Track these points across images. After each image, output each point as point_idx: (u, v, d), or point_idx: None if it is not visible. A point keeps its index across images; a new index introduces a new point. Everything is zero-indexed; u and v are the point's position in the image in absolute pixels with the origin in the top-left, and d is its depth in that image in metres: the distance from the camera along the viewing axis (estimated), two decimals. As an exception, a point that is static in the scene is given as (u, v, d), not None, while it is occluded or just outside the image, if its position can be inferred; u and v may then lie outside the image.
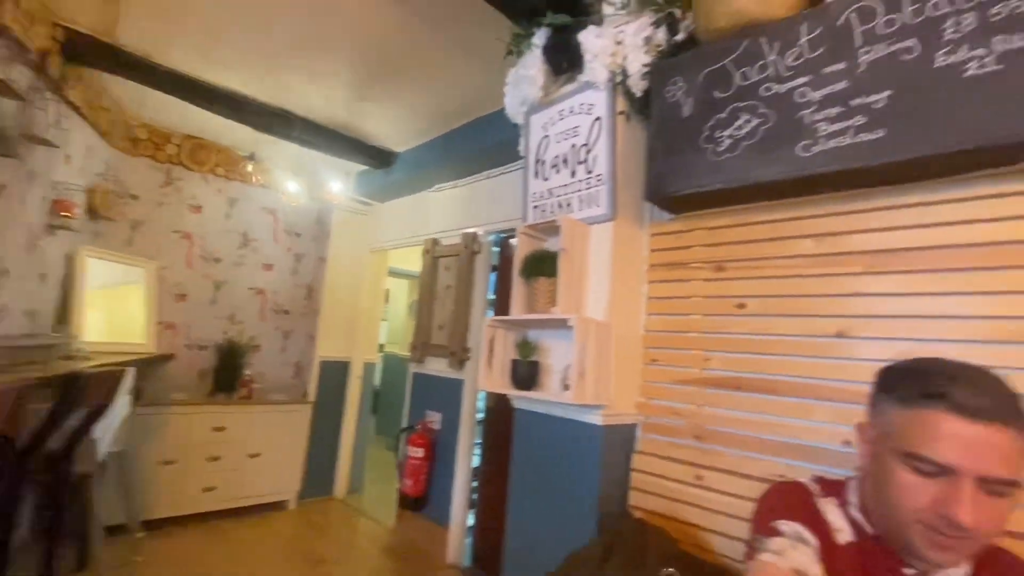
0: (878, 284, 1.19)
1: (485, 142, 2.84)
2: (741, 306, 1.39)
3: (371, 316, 4.07)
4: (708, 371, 1.43)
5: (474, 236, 2.99)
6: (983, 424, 0.66)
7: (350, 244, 4.01)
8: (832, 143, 1.12)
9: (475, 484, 2.94)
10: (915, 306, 1.14)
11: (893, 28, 1.08)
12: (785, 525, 0.77)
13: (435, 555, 2.94)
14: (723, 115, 1.31)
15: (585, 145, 1.64)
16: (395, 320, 6.57)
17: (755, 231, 1.39)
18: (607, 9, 1.60)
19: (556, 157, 1.74)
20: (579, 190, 1.64)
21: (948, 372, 0.71)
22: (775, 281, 1.34)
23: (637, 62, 1.49)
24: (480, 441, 2.93)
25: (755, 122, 1.25)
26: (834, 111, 1.13)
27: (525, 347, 1.61)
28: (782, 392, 1.29)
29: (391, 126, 3.20)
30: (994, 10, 0.97)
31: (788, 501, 0.83)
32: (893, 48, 1.07)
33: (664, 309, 1.56)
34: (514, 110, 1.91)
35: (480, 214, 3.03)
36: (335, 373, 3.91)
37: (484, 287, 2.96)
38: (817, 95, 1.16)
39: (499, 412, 2.75)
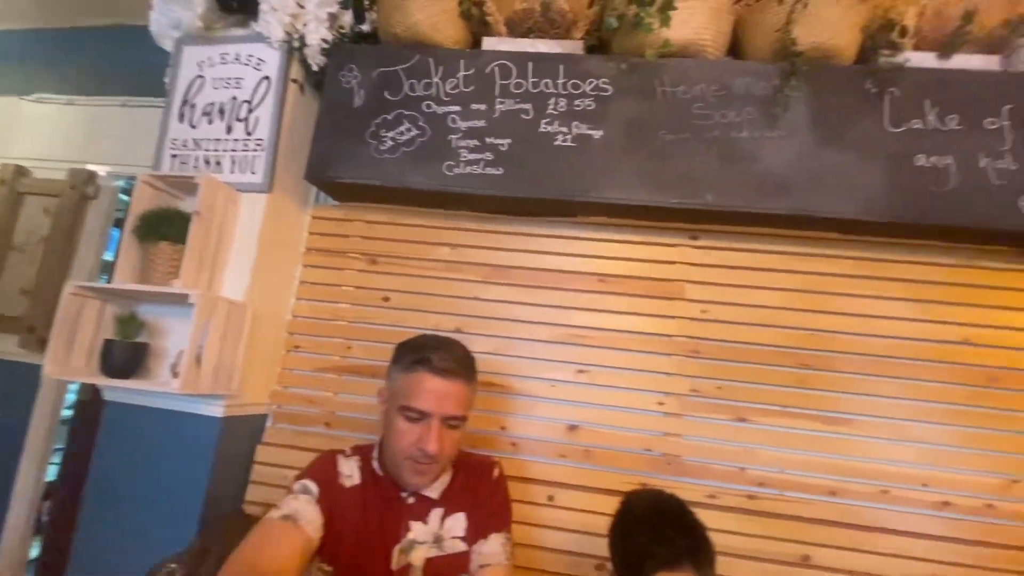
0: (489, 292, 1.46)
1: (128, 60, 2.21)
2: (386, 299, 1.48)
3: None
4: (348, 359, 1.47)
5: (90, 176, 2.25)
6: (450, 380, 0.93)
7: None
8: (468, 169, 1.32)
9: (49, 504, 2.20)
10: (512, 311, 1.45)
11: (520, 90, 1.35)
12: (298, 484, 0.95)
13: (-46, 614, 2.05)
14: (390, 117, 1.37)
15: (248, 102, 1.45)
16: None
17: (406, 232, 1.51)
18: (293, -36, 1.46)
19: (211, 105, 1.48)
20: (234, 150, 1.44)
21: (431, 344, 0.97)
22: (416, 279, 1.48)
23: (317, 35, 1.42)
24: (63, 447, 2.22)
25: (415, 132, 1.36)
26: (473, 143, 1.33)
27: (128, 325, 1.30)
28: (408, 379, 1.43)
29: (-47, -19, 2.12)
30: (576, 102, 1.33)
31: (313, 465, 1.01)
32: (517, 106, 1.34)
33: (316, 295, 1.52)
34: (162, 31, 1.54)
35: (105, 149, 2.31)
36: None
37: (99, 245, 2.27)
38: (464, 125, 1.34)
39: (98, 408, 2.14)
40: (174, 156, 1.48)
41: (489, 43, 1.39)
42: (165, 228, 1.30)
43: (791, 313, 1.33)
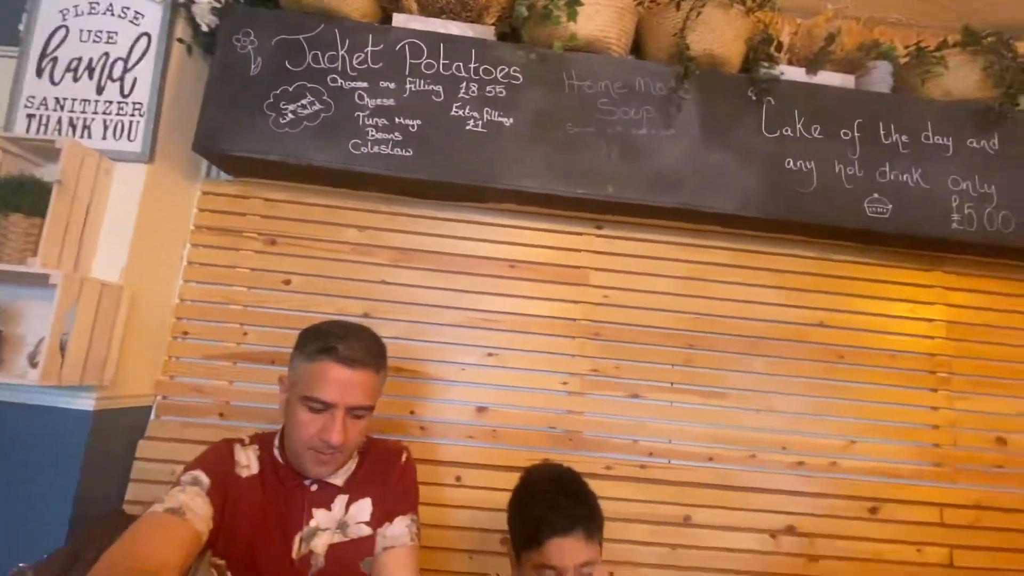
0: (398, 276, 1.44)
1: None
2: (287, 282, 1.41)
3: None
4: (244, 346, 1.39)
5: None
6: (356, 370, 0.89)
7: None
8: (376, 149, 1.29)
9: None
10: (421, 296, 1.44)
11: (431, 71, 1.33)
12: (187, 475, 0.88)
13: None
14: (291, 89, 1.29)
15: (123, 60, 1.30)
16: None
17: (310, 211, 1.44)
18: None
19: (77, 60, 1.31)
20: (107, 113, 1.29)
21: (338, 332, 0.93)
22: (321, 262, 1.43)
23: (208, -8, 1.30)
24: None
25: (318, 106, 1.29)
26: (381, 121, 1.30)
27: (-28, 308, 1.13)
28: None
29: None
30: (488, 88, 1.34)
31: (205, 455, 0.94)
32: (428, 87, 1.32)
33: (207, 277, 1.41)
34: (12, -32, 1.33)
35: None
36: None
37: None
38: (372, 103, 1.30)
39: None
40: (31, 116, 1.29)
41: (400, 19, 1.36)
42: (18, 198, 1.14)
43: (679, 298, 1.46)
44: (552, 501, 0.89)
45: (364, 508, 0.98)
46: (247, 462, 0.95)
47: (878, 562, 1.36)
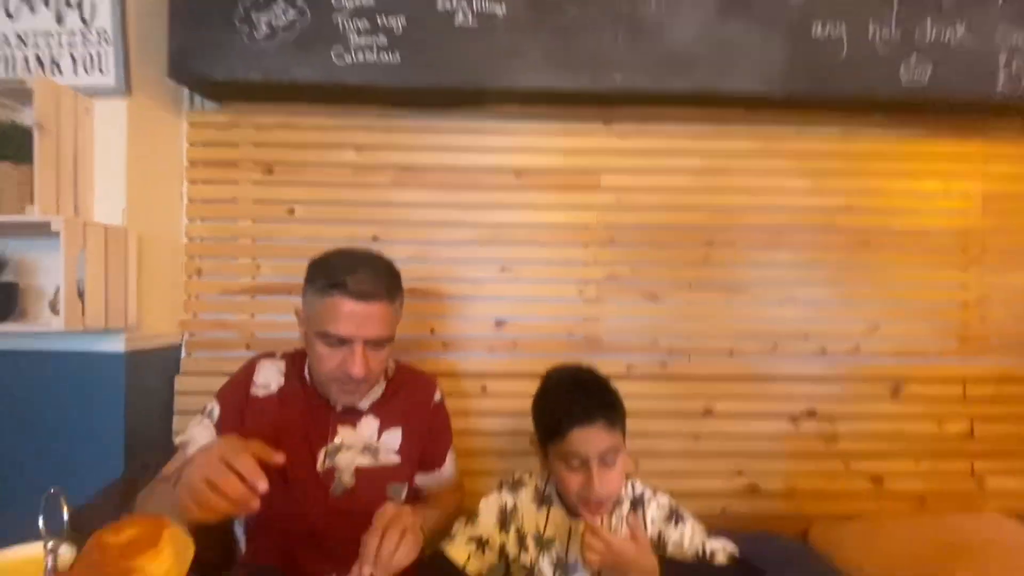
0: (403, 195, 1.40)
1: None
2: (291, 211, 1.38)
3: None
4: (260, 278, 1.39)
5: None
6: (369, 303, 0.87)
7: None
8: (361, 56, 1.19)
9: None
10: (429, 214, 1.40)
11: (410, -41, 1.19)
12: (208, 405, 0.98)
13: None
14: (260, -4, 1.18)
15: (76, -18, 1.19)
16: None
17: (303, 135, 1.37)
18: None
19: (27, -13, 1.20)
20: (72, 45, 1.20)
21: (346, 265, 0.89)
22: (322, 188, 1.38)
23: None
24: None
25: (293, 14, 1.18)
26: (362, 24, 1.19)
27: (-15, 262, 1.13)
28: (328, 293, 1.38)
29: None
30: (474, -25, 1.20)
31: (228, 382, 1.02)
32: (409, -21, 1.19)
33: (210, 214, 1.39)
34: None
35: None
36: None
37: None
38: (349, 4, 1.19)
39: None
40: (-5, 57, 1.21)
41: (368, -101, 1.19)
42: (2, 146, 1.10)
43: (696, 194, 1.39)
44: (572, 395, 0.91)
45: (395, 438, 1.01)
46: (266, 381, 1.00)
47: (898, 439, 1.40)
